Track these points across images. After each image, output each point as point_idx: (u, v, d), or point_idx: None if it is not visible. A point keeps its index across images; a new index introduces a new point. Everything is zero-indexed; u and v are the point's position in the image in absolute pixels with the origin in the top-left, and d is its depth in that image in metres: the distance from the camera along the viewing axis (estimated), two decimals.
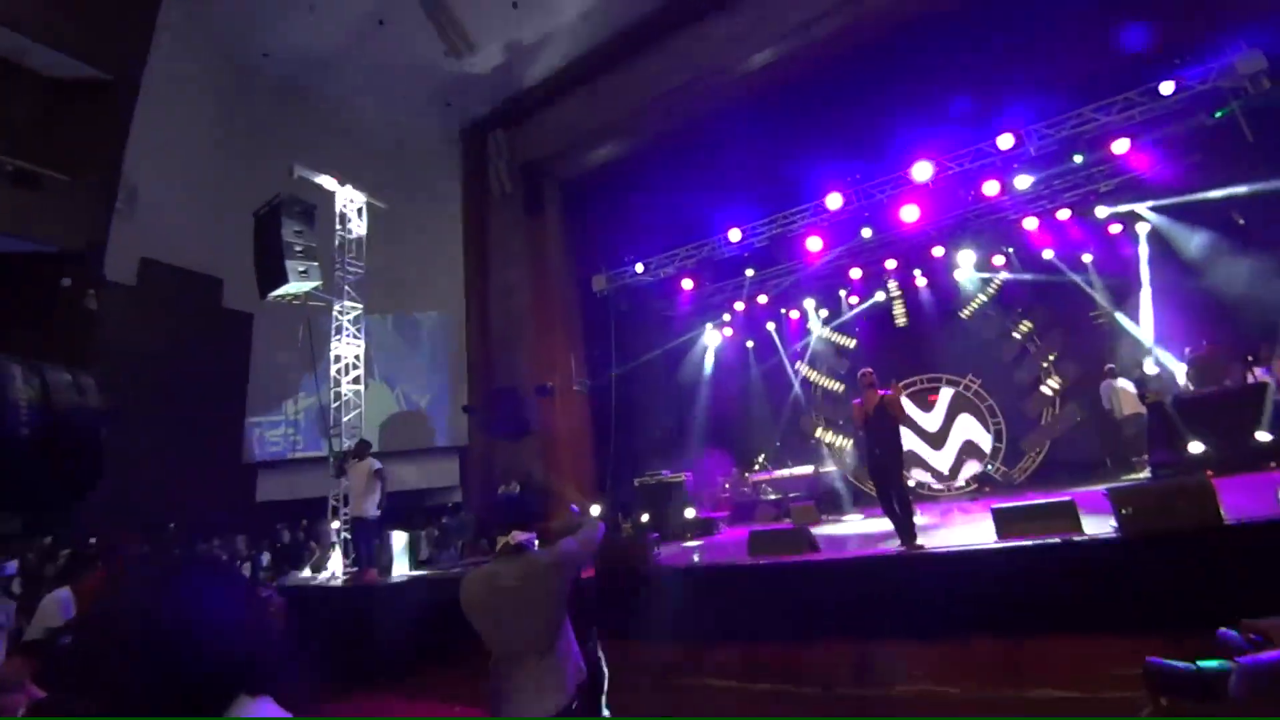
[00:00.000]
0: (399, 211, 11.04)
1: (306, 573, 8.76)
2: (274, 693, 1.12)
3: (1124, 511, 3.78)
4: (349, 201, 9.61)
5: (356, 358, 9.53)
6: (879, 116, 9.60)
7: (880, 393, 5.43)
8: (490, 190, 13.66)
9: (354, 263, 9.57)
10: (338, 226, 9.48)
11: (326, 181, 9.30)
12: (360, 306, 9.61)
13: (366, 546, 7.60)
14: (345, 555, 8.43)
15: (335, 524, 8.62)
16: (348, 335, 9.44)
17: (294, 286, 8.11)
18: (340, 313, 9.36)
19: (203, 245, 12.44)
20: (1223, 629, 1.33)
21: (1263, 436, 6.65)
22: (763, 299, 12.76)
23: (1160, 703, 3.41)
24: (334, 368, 9.31)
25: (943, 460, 11.26)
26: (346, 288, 9.45)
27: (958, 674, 3.81)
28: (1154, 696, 1.45)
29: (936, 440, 11.33)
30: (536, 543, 2.46)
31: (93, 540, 6.05)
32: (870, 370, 5.71)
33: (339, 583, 7.72)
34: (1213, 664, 1.34)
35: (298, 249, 7.98)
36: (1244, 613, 1.71)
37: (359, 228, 9.68)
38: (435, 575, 7.38)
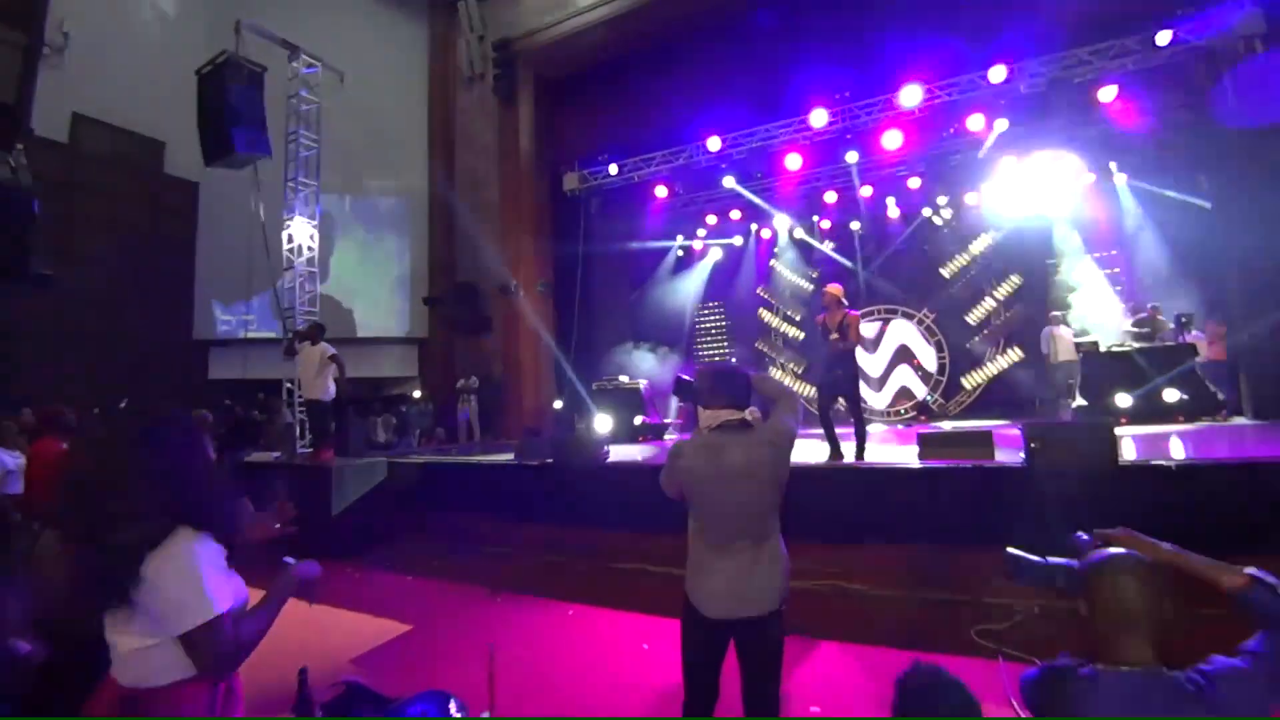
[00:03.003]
0: (360, 83, 10.28)
1: (265, 454, 8.87)
2: (214, 532, 1.38)
3: (1033, 445, 4.13)
4: (302, 68, 8.89)
5: (311, 238, 9.18)
6: (874, 31, 9.17)
7: (848, 312, 5.45)
8: (459, 68, 12.75)
9: (308, 135, 9.00)
10: (290, 95, 8.81)
11: (278, 45, 8.53)
12: (315, 184, 9.15)
13: (321, 428, 7.68)
14: (301, 436, 8.53)
15: (290, 405, 8.65)
16: (301, 213, 9.03)
17: (241, 157, 7.63)
18: (293, 189, 8.90)
19: (143, 104, 11.40)
20: (1078, 533, 1.53)
21: (1170, 396, 7.18)
22: (735, 214, 12.63)
23: (1034, 609, 3.91)
24: (286, 247, 8.98)
25: (882, 391, 11.76)
26: (301, 162, 8.93)
27: (864, 574, 4.25)
28: (1016, 587, 1.68)
29: (878, 370, 11.78)
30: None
31: (26, 409, 5.94)
32: (839, 285, 5.71)
33: (292, 459, 7.86)
34: (1059, 560, 1.55)
35: (245, 115, 7.43)
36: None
37: (313, 99, 9.02)
38: (392, 459, 7.58)
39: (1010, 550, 1.59)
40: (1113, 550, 1.31)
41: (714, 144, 10.43)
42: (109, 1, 10.71)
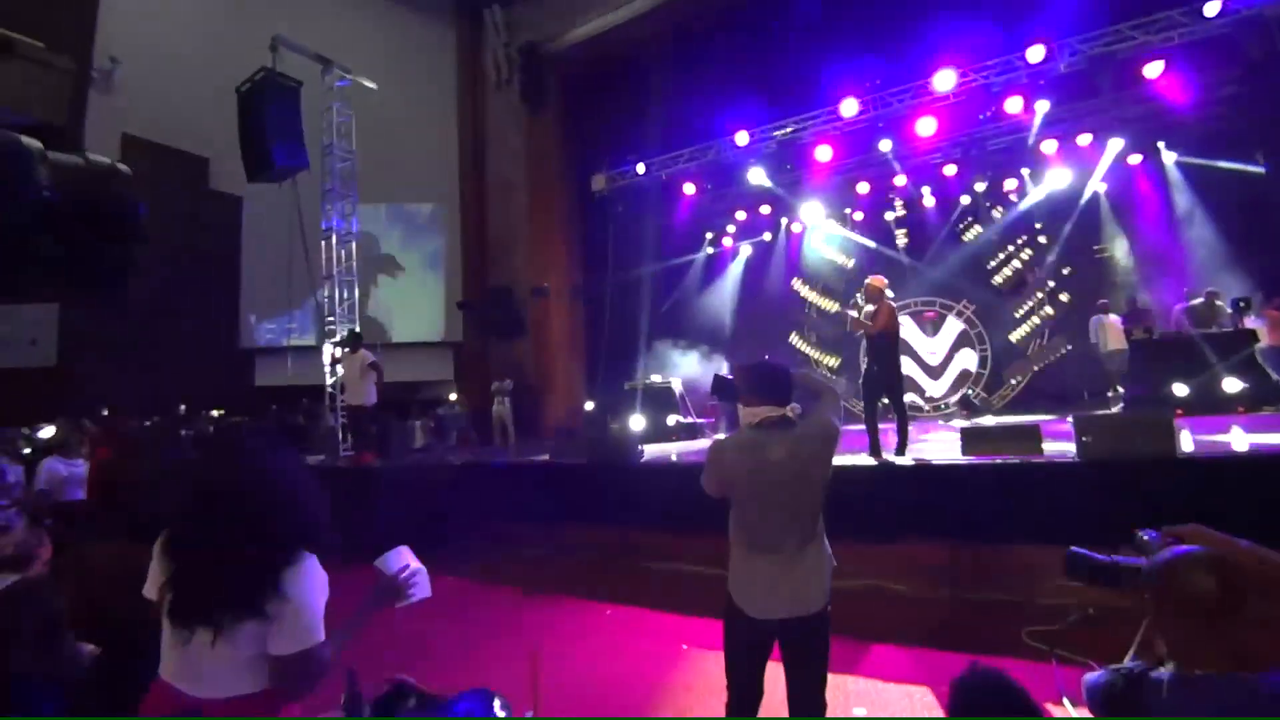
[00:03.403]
0: (390, 95, 10.49)
1: (309, 458, 9.15)
2: (316, 551, 1.43)
3: (1085, 439, 3.97)
4: (337, 80, 9.12)
5: (349, 247, 9.42)
6: (904, 14, 8.97)
7: (886, 304, 5.28)
8: (487, 75, 12.92)
9: (343, 147, 9.23)
10: (325, 109, 9.05)
11: (312, 58, 8.77)
12: (352, 194, 9.38)
13: (364, 432, 7.89)
14: (344, 440, 8.76)
15: (334, 410, 8.89)
16: (339, 223, 9.27)
17: (281, 170, 7.87)
18: (331, 200, 9.15)
19: (187, 122, 11.87)
20: (1145, 529, 1.45)
21: (1230, 386, 6.79)
22: (765, 209, 12.48)
23: (1088, 610, 3.76)
24: (326, 256, 9.23)
25: (939, 384, 11.45)
26: (338, 173, 9.17)
27: (908, 574, 4.15)
28: (1075, 586, 1.60)
29: (935, 366, 11.46)
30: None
31: (84, 421, 6.24)
32: (883, 278, 5.49)
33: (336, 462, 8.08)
34: (1126, 559, 1.48)
35: (283, 130, 7.66)
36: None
37: (348, 111, 9.25)
38: (430, 461, 7.73)
39: (1073, 549, 1.52)
40: (1184, 548, 1.24)
41: (742, 139, 10.32)
42: (153, 24, 11.16)
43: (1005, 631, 3.56)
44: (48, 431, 6.61)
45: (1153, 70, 8.12)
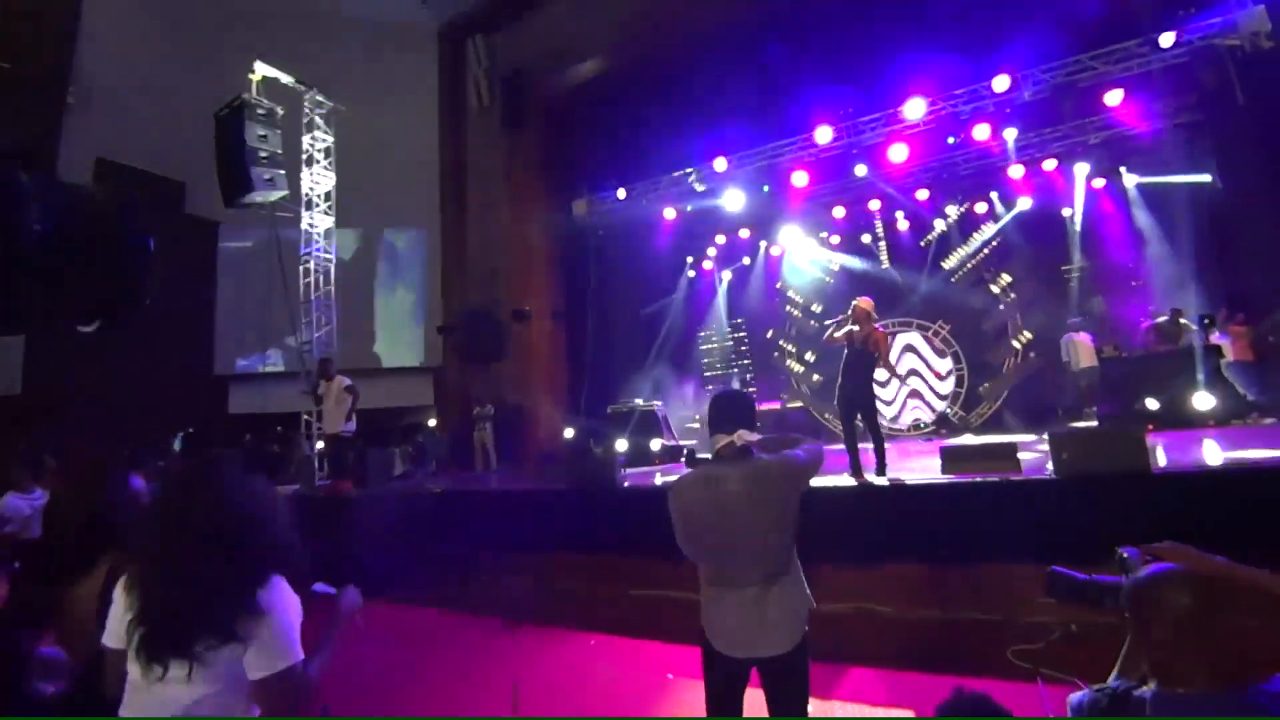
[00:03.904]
0: (371, 119, 10.53)
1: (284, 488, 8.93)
2: (287, 574, 1.42)
3: (1062, 455, 4.03)
4: (316, 107, 9.14)
5: (327, 272, 9.34)
6: (875, 47, 9.27)
7: (877, 328, 5.34)
8: (468, 100, 13.03)
9: (323, 172, 9.21)
10: (305, 134, 9.04)
11: (292, 83, 8.78)
12: (331, 219, 9.34)
13: (340, 460, 7.74)
14: (320, 468, 8.58)
15: (309, 439, 8.72)
16: (318, 249, 9.21)
17: (259, 195, 7.82)
18: (310, 225, 9.09)
19: (163, 146, 11.77)
20: (1125, 547, 1.46)
21: (1201, 402, 6.97)
22: (744, 233, 12.67)
23: (1070, 627, 3.77)
24: (304, 281, 9.13)
25: (893, 404, 11.53)
26: (316, 199, 9.13)
27: (892, 595, 4.14)
28: (1057, 606, 1.61)
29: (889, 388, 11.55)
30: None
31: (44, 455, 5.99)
32: (870, 300, 5.50)
33: (312, 491, 7.89)
34: (1106, 578, 1.49)
35: (262, 155, 7.64)
36: None
37: (326, 136, 9.25)
38: (408, 489, 7.59)
39: (1054, 569, 1.52)
40: (1162, 565, 1.25)
41: (720, 165, 10.51)
42: (132, 49, 11.11)
43: (990, 651, 3.56)
44: None
45: (1113, 98, 8.45)
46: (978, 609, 3.90)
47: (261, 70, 8.34)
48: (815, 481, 2.21)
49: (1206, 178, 8.65)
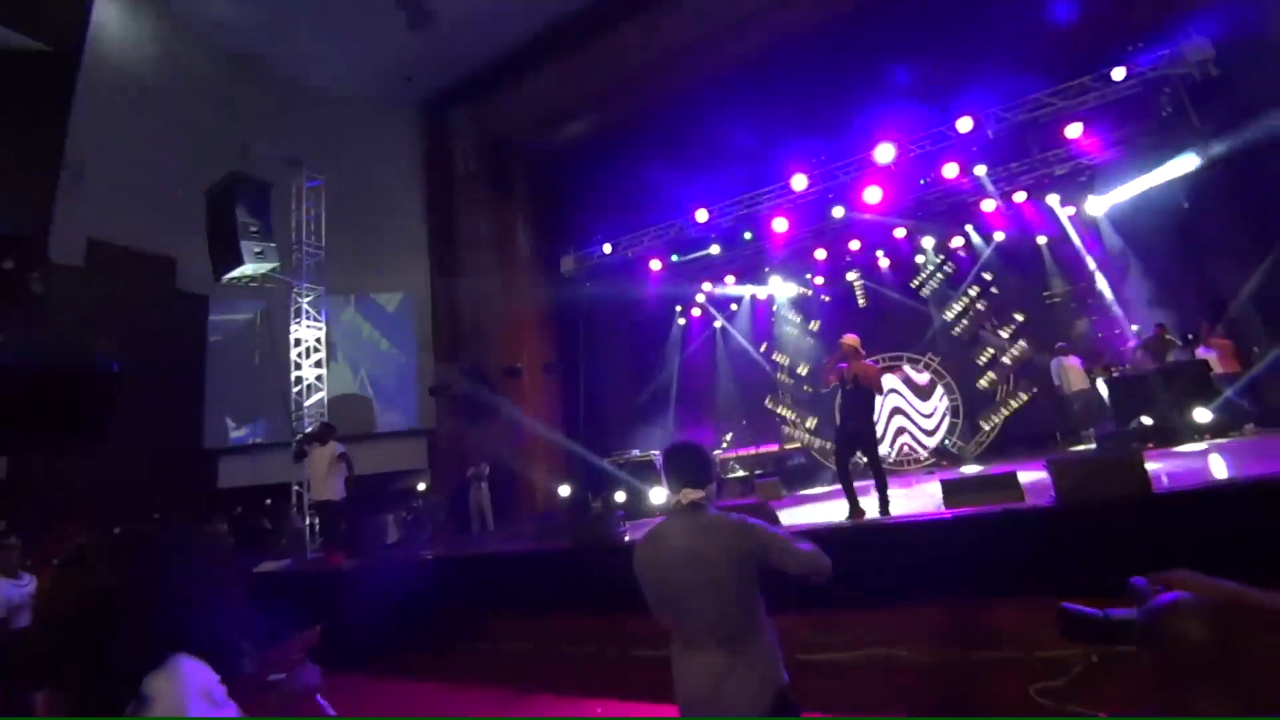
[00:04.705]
0: (359, 190, 10.78)
1: (274, 564, 8.67)
2: (211, 660, 1.22)
3: (1062, 482, 3.99)
4: (305, 180, 9.36)
5: (318, 341, 9.37)
6: (843, 98, 9.73)
7: (866, 363, 5.40)
8: (454, 168, 13.41)
9: (312, 244, 9.35)
10: (294, 206, 9.23)
11: (281, 159, 9.02)
12: (320, 289, 9.42)
13: (333, 530, 7.55)
14: (311, 540, 8.36)
15: (300, 509, 8.53)
16: (308, 318, 9.26)
17: (250, 268, 7.91)
18: (300, 294, 9.16)
19: (154, 223, 11.93)
20: (1135, 577, 1.41)
21: (1199, 417, 6.99)
22: (730, 280, 12.87)
23: (1091, 659, 3.65)
24: (294, 351, 9.13)
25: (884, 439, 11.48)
26: (306, 269, 9.24)
27: (908, 638, 4.01)
28: (1072, 643, 1.55)
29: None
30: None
31: (14, 538, 5.82)
32: (856, 336, 5.60)
33: (303, 566, 7.66)
34: (1120, 611, 1.43)
35: (253, 229, 7.77)
36: None
37: (317, 208, 9.44)
38: (405, 558, 7.38)
39: (1064, 606, 1.48)
40: (1171, 595, 1.21)
41: (702, 215, 10.80)
42: (122, 128, 11.39)
43: (1015, 691, 3.43)
44: None
45: (1073, 131, 8.82)
46: (997, 647, 3.78)
47: (252, 148, 8.59)
48: (820, 517, 2.16)
49: (1177, 199, 8.95)
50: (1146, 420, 7.25)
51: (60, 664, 1.17)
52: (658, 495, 9.56)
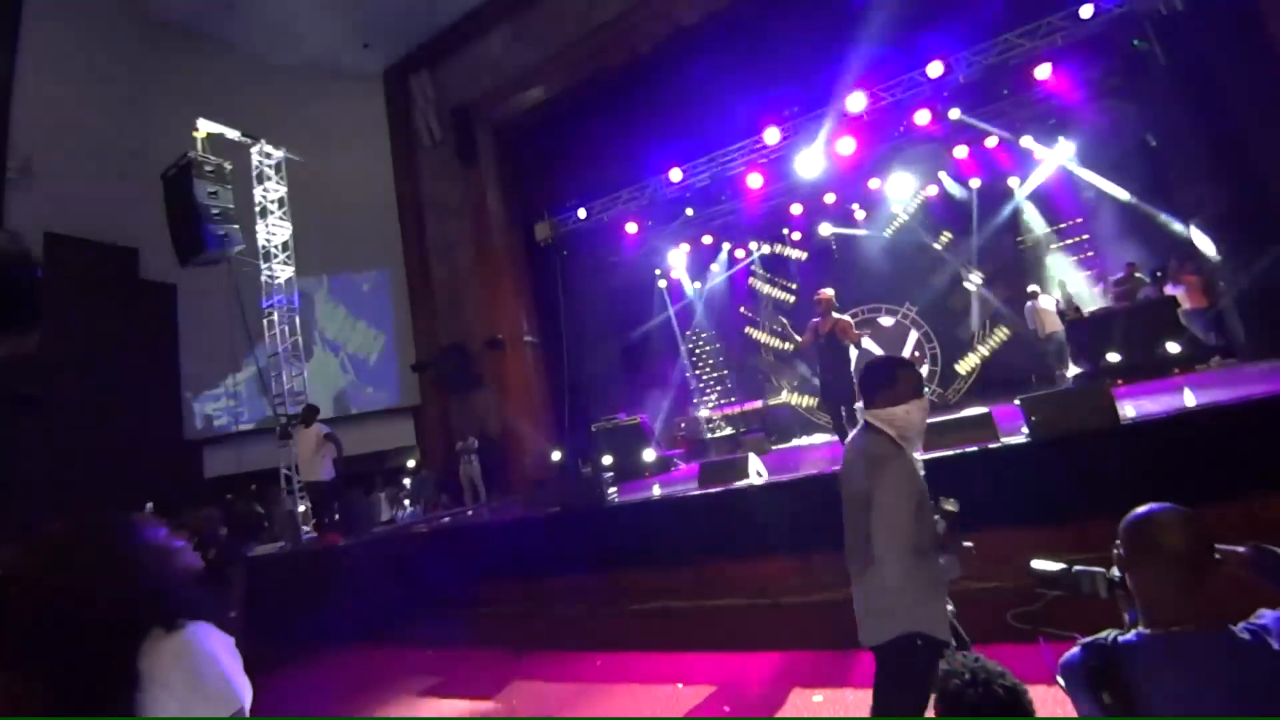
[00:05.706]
0: (322, 165, 10.45)
1: (268, 548, 8.69)
2: (201, 617, 1.16)
3: (1033, 418, 4.11)
4: (265, 158, 9.05)
5: (292, 322, 9.20)
6: (813, 48, 9.54)
7: (838, 317, 5.46)
8: (419, 137, 13.04)
9: (278, 222, 9.11)
10: (256, 186, 8.94)
11: (238, 136, 8.70)
12: (291, 268, 9.22)
13: (325, 510, 7.58)
14: (305, 522, 8.38)
15: (289, 492, 8.53)
16: (279, 299, 9.07)
17: (215, 252, 7.69)
18: (270, 276, 8.96)
19: (112, 213, 11.55)
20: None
21: (1161, 349, 7.20)
22: (707, 239, 12.79)
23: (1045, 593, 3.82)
24: (269, 334, 8.98)
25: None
26: (274, 250, 9.02)
27: None
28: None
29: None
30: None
31: None
32: (831, 290, 5.68)
33: (298, 547, 7.70)
34: (1083, 567, 1.55)
35: (214, 211, 7.52)
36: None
37: (279, 186, 9.16)
38: (397, 533, 7.45)
39: (1034, 563, 1.60)
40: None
41: (675, 175, 10.64)
42: (69, 116, 10.89)
43: (994, 617, 3.59)
44: None
45: (1042, 72, 8.76)
46: (973, 578, 3.93)
47: (205, 126, 8.24)
48: (814, 469, 2.24)
49: (1144, 137, 9.01)
50: (1114, 357, 7.46)
51: (24, 649, 1.06)
52: (648, 455, 9.70)
